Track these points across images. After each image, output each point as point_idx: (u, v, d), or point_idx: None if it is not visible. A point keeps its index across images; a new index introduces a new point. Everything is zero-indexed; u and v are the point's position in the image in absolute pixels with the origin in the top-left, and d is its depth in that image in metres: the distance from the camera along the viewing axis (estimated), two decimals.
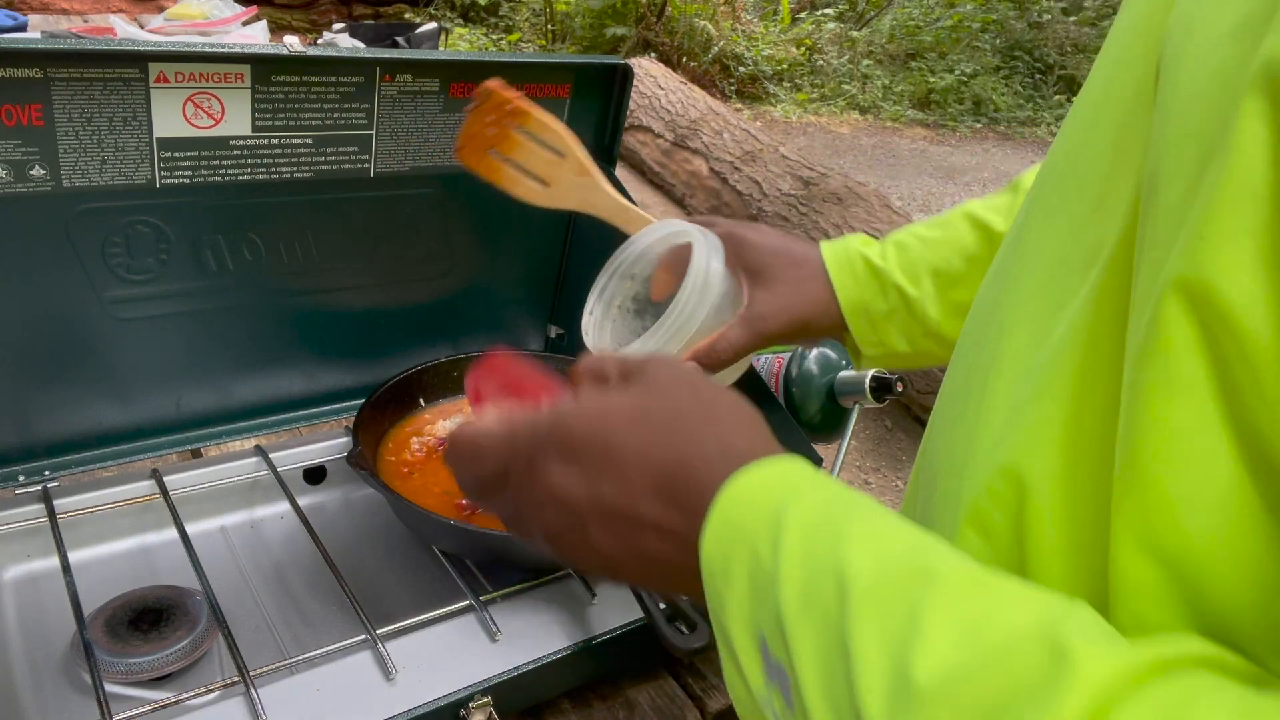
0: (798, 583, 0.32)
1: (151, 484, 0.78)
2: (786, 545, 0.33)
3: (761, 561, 0.34)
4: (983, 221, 0.68)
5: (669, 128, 4.00)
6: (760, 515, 0.35)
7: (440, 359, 0.89)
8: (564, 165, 0.76)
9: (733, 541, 0.35)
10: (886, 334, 0.70)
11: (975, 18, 7.12)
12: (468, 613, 0.68)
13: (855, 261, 0.70)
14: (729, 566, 0.35)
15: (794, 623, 0.31)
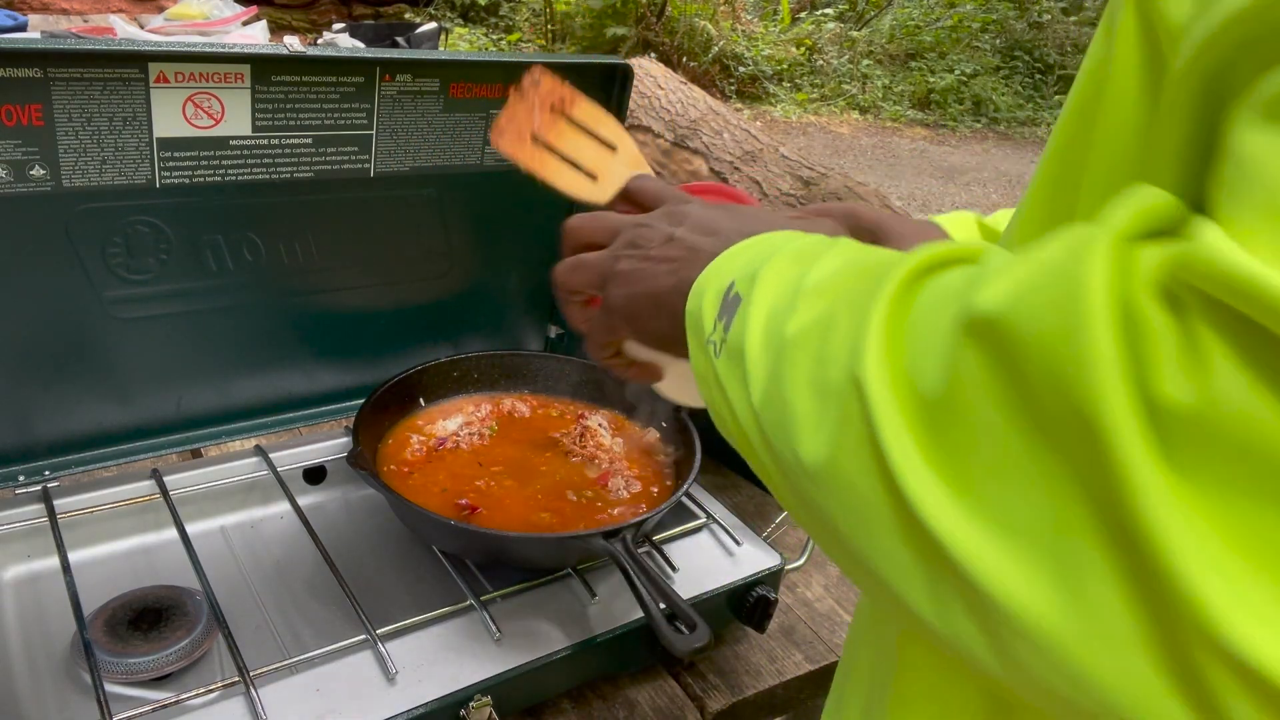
0: (803, 245, 0.41)
1: (151, 484, 0.78)
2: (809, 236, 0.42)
3: (778, 241, 0.42)
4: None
5: (669, 128, 4.00)
6: (793, 234, 0.43)
7: (440, 359, 0.89)
8: (615, 158, 0.73)
9: (761, 241, 0.43)
10: None
11: (975, 18, 7.12)
12: (468, 613, 0.68)
13: (972, 225, 0.73)
14: (740, 252, 0.43)
15: (780, 262, 0.39)
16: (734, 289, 0.40)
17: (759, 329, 0.37)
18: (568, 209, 0.98)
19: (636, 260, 0.48)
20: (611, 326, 0.50)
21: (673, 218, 0.49)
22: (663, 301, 0.46)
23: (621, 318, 0.49)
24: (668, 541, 0.79)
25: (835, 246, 0.39)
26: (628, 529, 0.67)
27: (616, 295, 0.49)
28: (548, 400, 0.92)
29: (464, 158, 0.85)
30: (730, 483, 0.93)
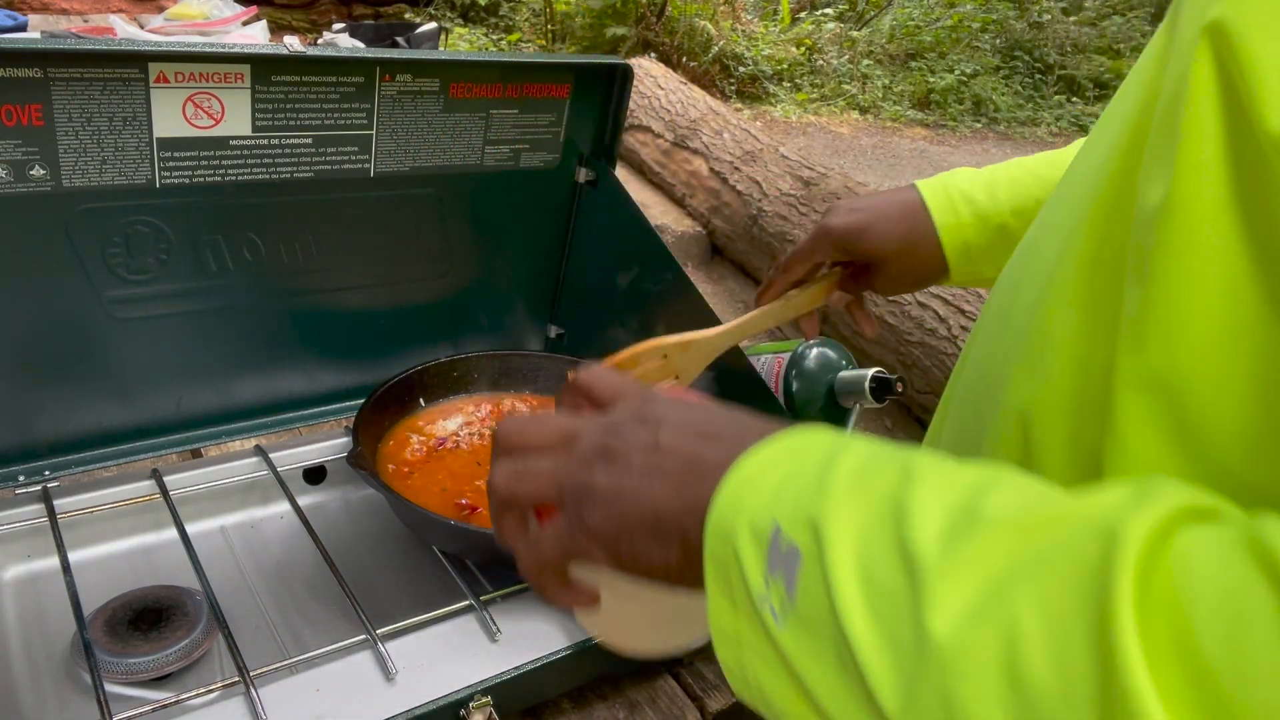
0: (852, 470, 0.34)
1: (151, 484, 0.78)
2: (848, 451, 0.35)
3: (807, 460, 0.35)
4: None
5: (669, 128, 4.00)
6: (816, 440, 0.37)
7: (440, 359, 0.89)
8: (672, 358, 0.74)
9: (779, 454, 0.37)
10: (980, 265, 0.74)
11: (975, 18, 7.12)
12: (468, 613, 0.68)
13: (958, 203, 0.73)
14: (762, 472, 0.36)
15: (838, 500, 0.32)
16: (784, 537, 0.33)
17: (863, 612, 0.30)
18: (568, 210, 0.99)
19: (617, 473, 0.40)
20: (580, 551, 0.42)
21: (644, 418, 0.42)
22: (665, 528, 0.39)
23: (600, 543, 0.41)
24: None
25: (915, 475, 0.32)
26: None
27: (596, 517, 0.40)
28: (548, 400, 0.92)
29: (464, 158, 0.85)
30: None
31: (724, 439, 0.40)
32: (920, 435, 2.09)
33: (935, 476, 0.32)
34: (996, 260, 0.73)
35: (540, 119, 0.87)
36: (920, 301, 2.63)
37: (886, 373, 0.86)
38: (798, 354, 0.92)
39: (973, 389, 0.51)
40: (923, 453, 0.35)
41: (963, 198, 0.72)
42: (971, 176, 0.74)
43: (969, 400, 0.51)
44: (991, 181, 0.73)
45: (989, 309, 0.52)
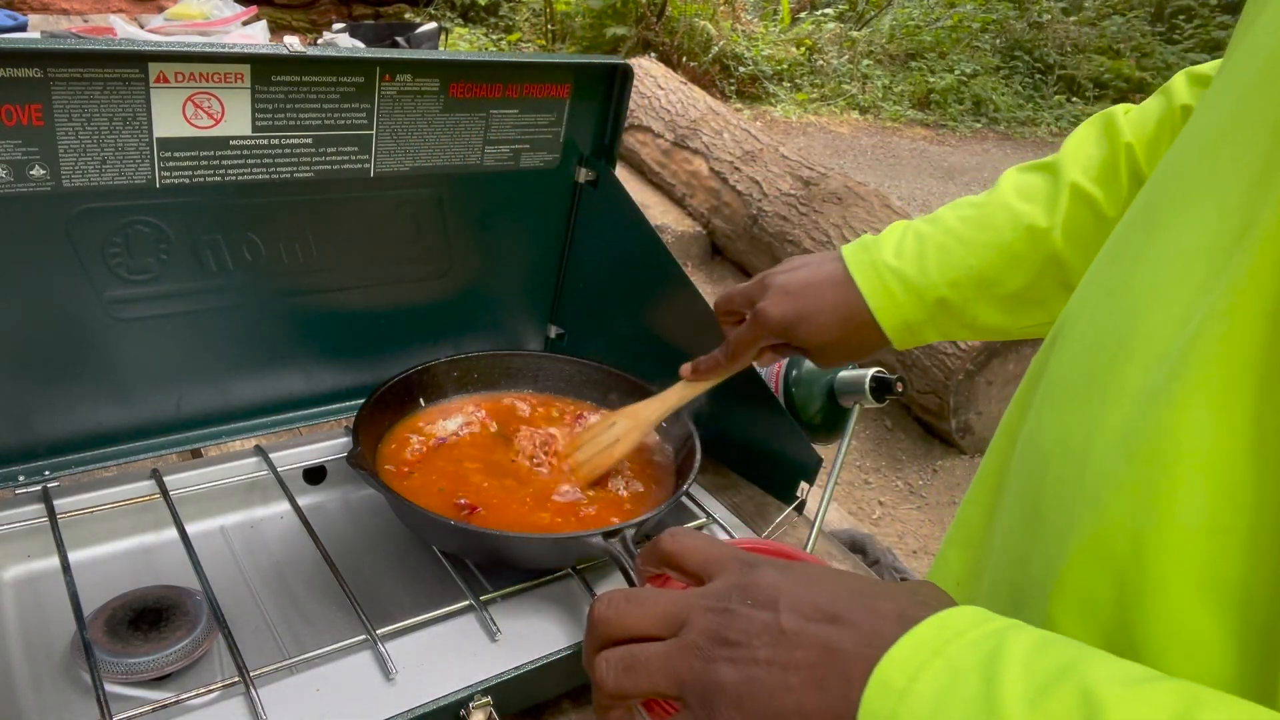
0: (1023, 694, 0.32)
1: (151, 484, 0.78)
2: (1007, 659, 0.34)
3: (961, 667, 0.34)
4: (1026, 221, 0.68)
5: (669, 128, 4.00)
6: (960, 635, 0.35)
7: (440, 359, 0.89)
8: (619, 426, 0.82)
9: (925, 655, 0.35)
10: (922, 334, 0.73)
11: (975, 18, 7.12)
12: (468, 613, 0.68)
13: (890, 283, 0.71)
14: (912, 681, 0.35)
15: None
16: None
17: None
18: (568, 210, 0.99)
19: (741, 665, 0.38)
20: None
21: (754, 595, 0.40)
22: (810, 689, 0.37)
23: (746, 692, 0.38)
24: None
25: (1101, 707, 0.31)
26: (628, 529, 0.67)
27: (731, 717, 0.38)
28: (548, 400, 0.92)
29: (464, 158, 0.85)
30: (730, 483, 0.93)
31: (855, 622, 0.38)
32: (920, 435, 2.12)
33: (1124, 708, 0.31)
34: (940, 327, 0.72)
35: (540, 119, 0.87)
36: None
37: (886, 373, 0.86)
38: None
39: (1032, 479, 0.46)
40: (1092, 658, 0.34)
41: (893, 275, 0.71)
42: (898, 249, 0.72)
43: (1024, 498, 0.46)
44: (920, 254, 0.71)
45: (1053, 377, 0.46)
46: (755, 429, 0.89)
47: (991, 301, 0.70)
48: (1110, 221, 0.66)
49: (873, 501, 2.49)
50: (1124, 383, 0.39)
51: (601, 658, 0.42)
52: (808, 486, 0.86)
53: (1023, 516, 0.46)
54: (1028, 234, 0.68)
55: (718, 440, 0.91)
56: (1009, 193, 0.70)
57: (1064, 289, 0.69)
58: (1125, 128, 0.68)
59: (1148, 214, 0.44)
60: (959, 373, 2.48)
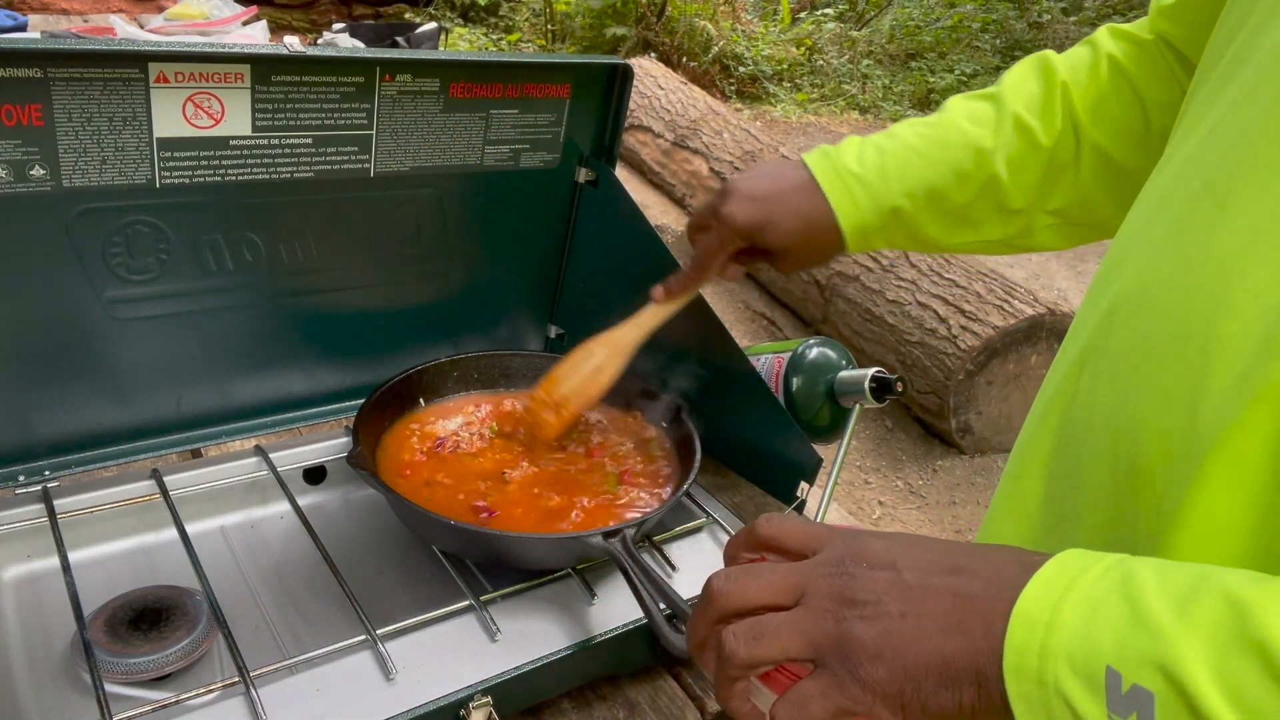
0: (1166, 604, 0.35)
1: (151, 484, 0.78)
2: (1141, 581, 0.36)
3: (1098, 594, 0.37)
4: (975, 142, 0.74)
5: (669, 128, 4.00)
6: (1088, 569, 0.38)
7: (440, 359, 0.89)
8: (597, 355, 0.82)
9: (1058, 588, 0.37)
10: (872, 240, 0.77)
11: (975, 18, 7.12)
12: (468, 613, 0.68)
13: (854, 188, 0.75)
14: (1054, 611, 0.37)
15: (1175, 640, 0.34)
16: (1125, 681, 0.35)
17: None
18: (568, 210, 0.99)
19: (875, 620, 0.40)
20: (856, 708, 0.40)
21: (869, 559, 0.42)
22: (956, 673, 0.38)
23: (882, 697, 0.39)
24: (668, 541, 0.79)
25: (1245, 602, 0.34)
26: (628, 529, 0.67)
27: (875, 671, 0.39)
28: None
29: (464, 158, 0.85)
30: (730, 483, 0.93)
31: (976, 571, 0.40)
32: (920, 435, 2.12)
33: (1268, 601, 0.34)
34: (888, 236, 0.77)
35: (540, 119, 0.87)
36: (920, 302, 2.63)
37: (886, 373, 0.86)
38: (798, 354, 0.92)
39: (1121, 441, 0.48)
40: (1216, 570, 0.36)
41: (856, 181, 0.75)
42: (859, 155, 0.76)
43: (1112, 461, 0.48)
44: (881, 165, 0.75)
45: (1126, 346, 0.49)
46: (755, 429, 0.89)
47: (937, 215, 0.75)
48: (1044, 150, 0.72)
49: (873, 501, 2.48)
50: (1230, 338, 0.42)
51: (728, 631, 0.43)
52: (808, 486, 0.86)
53: (1111, 479, 0.48)
54: (975, 154, 0.73)
55: (718, 440, 0.91)
56: (960, 116, 0.76)
57: (999, 211, 0.75)
58: (1060, 68, 0.74)
59: (1213, 191, 0.46)
60: (959, 373, 2.48)
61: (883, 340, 2.72)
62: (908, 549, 0.42)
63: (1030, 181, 0.73)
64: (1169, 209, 0.50)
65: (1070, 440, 0.52)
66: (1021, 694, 0.37)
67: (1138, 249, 0.52)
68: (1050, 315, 2.50)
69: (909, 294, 2.68)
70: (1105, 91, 0.72)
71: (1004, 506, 0.60)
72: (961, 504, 2.48)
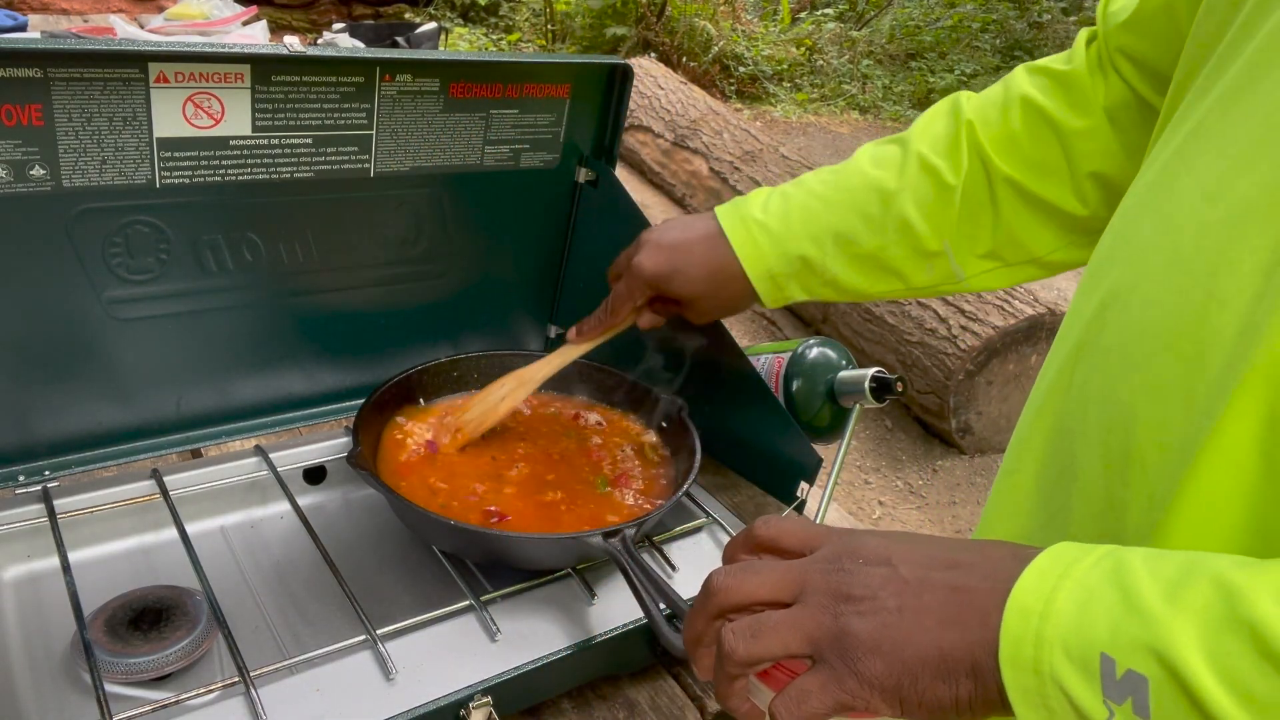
0: (1156, 590, 0.36)
1: (151, 484, 0.78)
2: (1131, 568, 0.37)
3: (1090, 583, 0.37)
4: (877, 184, 0.74)
5: (669, 128, 4.00)
6: (1079, 560, 0.39)
7: (440, 359, 0.89)
8: (508, 388, 0.85)
9: (1051, 579, 0.38)
10: (788, 288, 0.78)
11: (975, 18, 7.12)
12: (468, 613, 0.68)
13: (757, 235, 0.76)
14: (1047, 601, 0.38)
15: (1166, 625, 0.35)
16: (1119, 666, 0.35)
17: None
18: (568, 210, 0.99)
19: (871, 615, 0.40)
20: (853, 702, 0.40)
21: (865, 555, 0.43)
22: (952, 666, 0.39)
23: (880, 690, 0.40)
24: (668, 541, 0.79)
25: (1234, 585, 0.35)
26: (628, 529, 0.67)
27: (872, 665, 0.40)
28: (548, 399, 0.92)
29: (464, 158, 0.85)
30: (730, 483, 0.93)
31: (972, 565, 0.41)
32: (920, 435, 2.12)
33: (1255, 582, 0.34)
34: (805, 285, 0.78)
35: (540, 119, 0.87)
36: (920, 301, 2.63)
37: (886, 373, 0.86)
38: (798, 354, 0.92)
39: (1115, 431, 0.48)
40: (1204, 556, 0.37)
41: (759, 228, 0.76)
42: (765, 204, 0.77)
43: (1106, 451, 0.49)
44: (785, 211, 0.76)
45: (1119, 339, 0.49)
46: (755, 429, 0.89)
47: (849, 260, 0.76)
48: (951, 189, 0.72)
49: (873, 501, 2.48)
50: (1220, 328, 0.42)
51: (728, 629, 0.43)
52: (808, 486, 0.86)
53: (1104, 471, 0.49)
54: (879, 195, 0.74)
55: (718, 440, 0.91)
56: (864, 160, 0.77)
57: (917, 255, 0.75)
58: (967, 108, 0.74)
59: (1202, 185, 0.47)
60: (959, 373, 2.48)
61: (883, 340, 2.72)
62: (904, 545, 0.43)
63: (944, 222, 0.74)
64: (1158, 205, 0.51)
65: (1064, 434, 0.53)
66: (1018, 684, 0.37)
67: (1128, 244, 0.52)
68: (1050, 315, 2.50)
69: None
70: (1016, 128, 0.72)
71: (999, 503, 0.60)
72: (961, 504, 2.48)
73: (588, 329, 0.83)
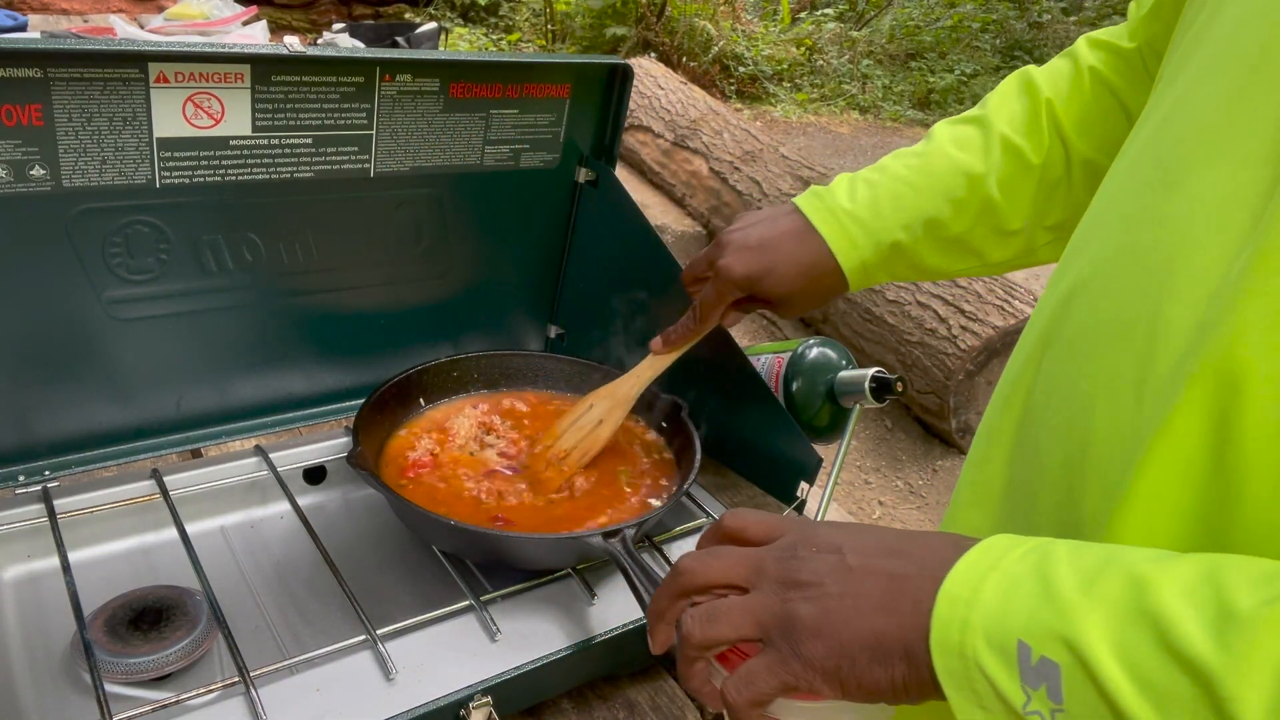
0: (1073, 582, 0.37)
1: (151, 484, 0.78)
2: (1053, 559, 0.39)
3: (1015, 572, 0.39)
4: (965, 168, 0.74)
5: (669, 128, 4.00)
6: (1009, 549, 0.40)
7: (440, 359, 0.89)
8: (598, 406, 0.83)
9: (981, 568, 0.40)
10: (875, 275, 0.77)
11: (975, 18, 7.12)
12: (468, 613, 0.68)
13: (849, 227, 0.75)
14: (974, 589, 0.39)
15: (1078, 614, 0.36)
16: (1034, 653, 0.37)
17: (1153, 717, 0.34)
18: (568, 210, 0.99)
19: (816, 601, 0.42)
20: (797, 684, 0.42)
21: (817, 544, 0.45)
22: (887, 649, 0.41)
23: (821, 673, 0.42)
24: (668, 541, 0.79)
25: (1144, 579, 0.36)
26: (628, 529, 0.67)
27: (813, 648, 0.42)
28: (548, 399, 0.92)
29: (464, 158, 0.85)
30: (730, 482, 0.93)
31: (913, 554, 0.43)
32: (920, 435, 2.12)
33: (1163, 576, 0.36)
34: (891, 269, 0.77)
35: (540, 119, 0.87)
36: (920, 302, 2.63)
37: (886, 373, 0.86)
38: (798, 354, 0.92)
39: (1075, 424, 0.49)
40: (1126, 550, 0.39)
41: (851, 220, 0.75)
42: (851, 193, 0.76)
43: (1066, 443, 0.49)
44: (874, 200, 0.75)
45: (1080, 329, 0.50)
46: (755, 429, 0.89)
47: (936, 244, 0.75)
48: (1034, 168, 0.72)
49: (873, 501, 2.48)
50: (1172, 321, 0.43)
51: (686, 615, 0.46)
52: (808, 486, 0.86)
53: (1064, 460, 0.49)
54: (967, 180, 0.73)
55: (718, 440, 0.91)
56: (946, 143, 0.75)
57: (997, 234, 0.75)
58: (1043, 85, 0.73)
59: (1165, 177, 0.47)
60: (959, 373, 2.48)
61: (883, 340, 2.72)
62: (854, 535, 0.45)
63: (1024, 201, 0.73)
64: (1124, 195, 0.51)
65: (1031, 422, 0.53)
66: (946, 668, 0.39)
67: (1094, 235, 0.53)
68: None
69: (909, 294, 2.67)
70: (1089, 104, 0.71)
71: (967, 493, 0.60)
72: None
73: (676, 337, 0.81)
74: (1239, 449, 0.40)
